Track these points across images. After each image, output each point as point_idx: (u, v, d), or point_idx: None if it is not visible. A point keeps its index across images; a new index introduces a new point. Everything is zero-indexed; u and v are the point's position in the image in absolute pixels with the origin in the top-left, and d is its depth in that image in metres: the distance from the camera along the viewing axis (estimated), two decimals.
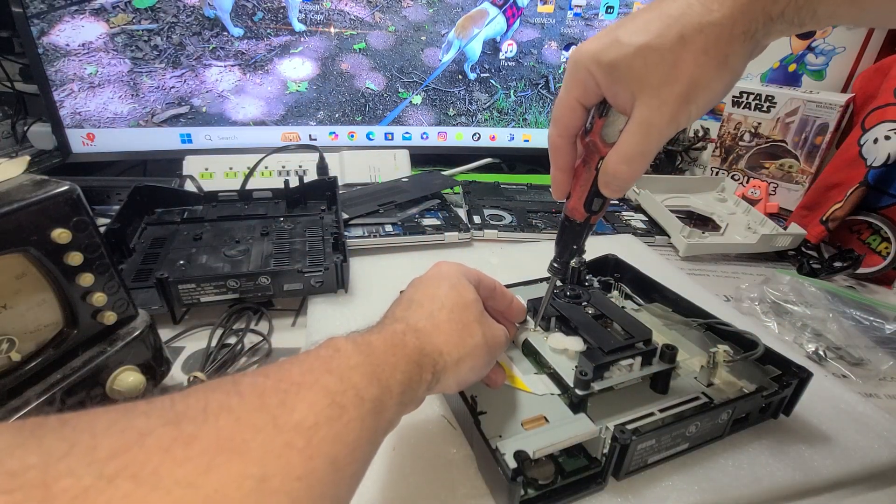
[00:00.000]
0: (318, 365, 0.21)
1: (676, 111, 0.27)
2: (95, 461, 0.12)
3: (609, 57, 0.28)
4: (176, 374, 0.46)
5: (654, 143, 0.29)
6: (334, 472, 0.18)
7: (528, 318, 0.44)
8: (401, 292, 0.35)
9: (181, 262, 0.57)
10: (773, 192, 0.87)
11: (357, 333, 0.27)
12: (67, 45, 0.77)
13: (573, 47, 0.39)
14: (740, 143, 0.89)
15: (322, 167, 0.83)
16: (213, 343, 0.49)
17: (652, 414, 0.37)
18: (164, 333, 0.49)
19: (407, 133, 0.97)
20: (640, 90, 0.28)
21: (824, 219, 0.71)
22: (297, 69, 0.88)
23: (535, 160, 1.07)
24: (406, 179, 0.85)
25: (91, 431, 0.13)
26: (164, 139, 0.87)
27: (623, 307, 0.47)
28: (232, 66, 0.85)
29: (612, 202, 0.88)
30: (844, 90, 0.84)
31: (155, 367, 0.41)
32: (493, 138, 1.01)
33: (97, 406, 0.15)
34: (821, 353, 0.53)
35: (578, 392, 0.37)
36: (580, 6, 0.92)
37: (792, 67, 0.89)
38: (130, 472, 0.12)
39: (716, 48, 0.26)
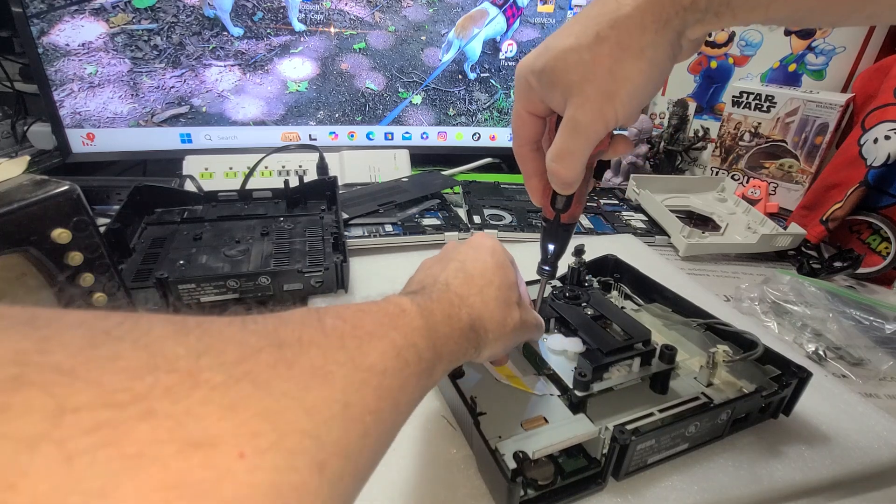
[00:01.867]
0: (387, 321, 0.23)
1: (600, 108, 0.28)
2: (225, 363, 0.14)
3: (540, 64, 0.30)
4: None
5: (581, 141, 0.30)
6: (395, 415, 0.20)
7: None
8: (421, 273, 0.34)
9: (181, 262, 0.57)
10: (773, 192, 0.87)
11: (416, 296, 0.27)
12: (67, 45, 0.78)
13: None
14: (740, 143, 0.89)
15: (322, 167, 0.83)
16: None
17: (651, 414, 0.37)
18: None
19: (407, 133, 0.97)
20: (567, 91, 0.29)
21: (824, 219, 0.71)
22: (297, 69, 0.88)
23: None
24: (406, 179, 0.85)
25: (220, 338, 0.15)
26: (164, 139, 0.87)
27: (623, 307, 0.47)
28: (232, 65, 0.85)
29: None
30: (844, 90, 0.84)
31: None
32: (493, 138, 1.01)
33: None
34: (821, 353, 0.53)
35: (578, 393, 0.37)
36: (580, 6, 0.92)
37: (792, 67, 0.89)
38: (250, 378, 0.15)
39: (629, 41, 0.27)
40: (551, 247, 0.38)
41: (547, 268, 0.39)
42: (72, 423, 0.11)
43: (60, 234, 0.32)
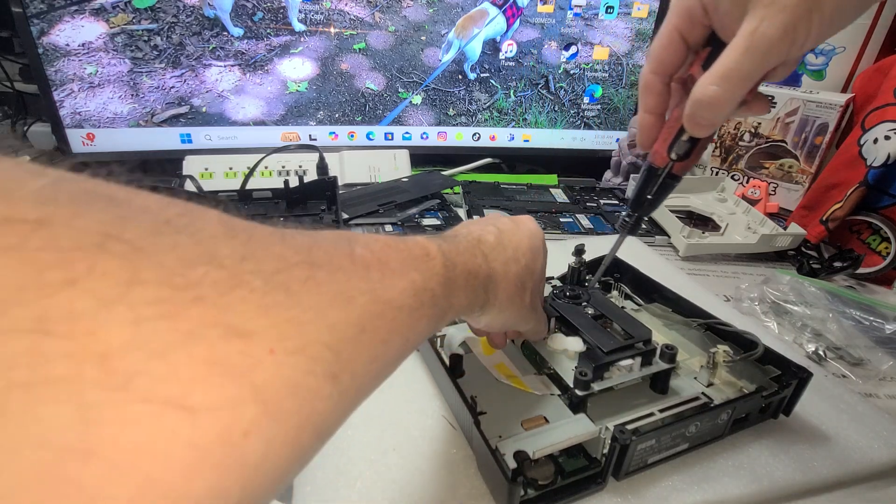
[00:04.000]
0: (411, 262, 0.24)
1: (795, 18, 0.23)
2: (264, 271, 0.16)
3: None
4: None
5: (756, 59, 0.25)
6: (402, 349, 0.21)
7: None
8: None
9: None
10: (773, 192, 0.87)
11: (444, 242, 0.27)
12: (67, 45, 0.77)
13: None
14: (740, 143, 0.89)
15: (322, 167, 0.83)
16: None
17: (652, 414, 0.37)
18: None
19: (407, 133, 0.97)
20: (753, 1, 0.24)
21: (824, 219, 0.71)
22: (297, 69, 0.88)
23: (534, 160, 1.07)
24: (406, 179, 0.85)
25: (262, 246, 0.17)
26: (164, 139, 0.87)
27: (623, 307, 0.47)
28: (232, 66, 0.85)
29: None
30: (844, 90, 0.84)
31: None
32: (493, 138, 1.01)
33: None
34: (821, 353, 0.53)
35: (578, 392, 0.37)
36: (580, 6, 0.92)
37: None
38: (284, 288, 0.16)
39: None
40: (649, 197, 0.34)
41: (631, 221, 0.35)
42: (140, 294, 0.12)
43: None
